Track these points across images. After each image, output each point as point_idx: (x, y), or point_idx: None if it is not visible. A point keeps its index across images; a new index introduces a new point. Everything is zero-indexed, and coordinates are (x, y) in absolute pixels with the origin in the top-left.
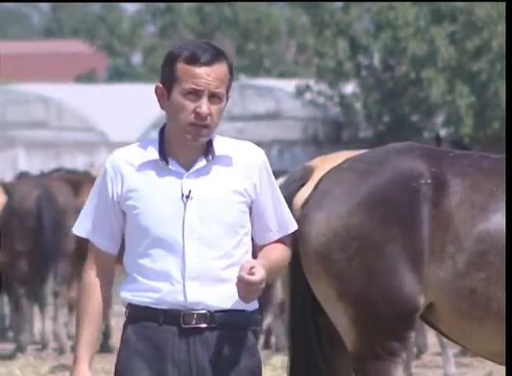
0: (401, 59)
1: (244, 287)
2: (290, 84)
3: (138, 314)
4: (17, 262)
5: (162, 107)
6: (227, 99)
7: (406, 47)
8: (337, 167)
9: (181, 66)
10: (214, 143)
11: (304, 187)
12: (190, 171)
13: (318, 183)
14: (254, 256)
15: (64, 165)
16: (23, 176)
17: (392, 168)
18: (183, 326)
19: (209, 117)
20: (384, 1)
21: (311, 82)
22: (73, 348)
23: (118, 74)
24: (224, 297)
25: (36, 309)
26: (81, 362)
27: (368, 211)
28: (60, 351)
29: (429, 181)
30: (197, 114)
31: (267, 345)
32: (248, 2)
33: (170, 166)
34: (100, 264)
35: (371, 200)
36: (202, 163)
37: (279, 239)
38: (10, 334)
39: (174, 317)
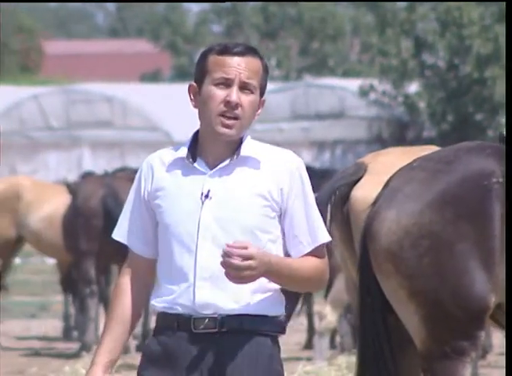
0: (465, 58)
1: (227, 263)
2: (354, 84)
3: (158, 321)
4: (82, 261)
5: (195, 106)
6: (262, 102)
7: (471, 45)
8: (407, 165)
9: (212, 58)
10: (244, 144)
11: (362, 182)
12: (213, 170)
13: (388, 182)
14: None
15: (129, 165)
16: (87, 176)
17: (463, 166)
18: (194, 331)
19: (240, 108)
20: (451, 1)
21: (375, 82)
22: (138, 348)
23: (182, 74)
24: (237, 300)
25: (101, 309)
26: (96, 365)
27: (439, 210)
28: (125, 350)
29: (501, 179)
30: (227, 103)
31: (332, 345)
32: (312, 2)
33: (195, 164)
34: (135, 268)
35: (442, 198)
36: (225, 162)
37: (312, 251)
38: (75, 333)
39: (185, 322)
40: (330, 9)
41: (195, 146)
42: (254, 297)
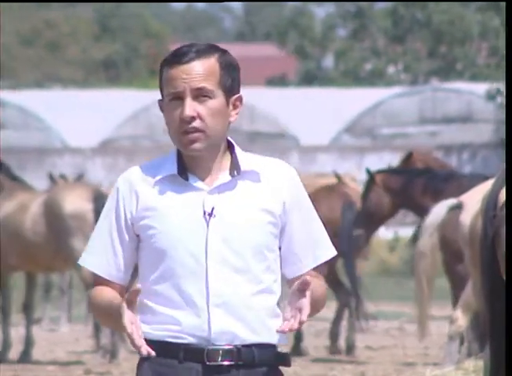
0: None
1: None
2: (481, 88)
3: (155, 350)
4: None
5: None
6: (239, 98)
7: None
8: None
9: (164, 72)
10: (239, 157)
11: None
12: (213, 186)
13: None
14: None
15: None
16: None
17: None
18: (207, 363)
19: (198, 119)
20: None
21: (501, 86)
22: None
23: (309, 78)
24: (251, 327)
25: None
26: (122, 307)
27: None
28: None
29: None
30: (182, 120)
31: (459, 350)
32: (441, 3)
33: (190, 181)
34: None
35: None
36: (226, 178)
37: (314, 269)
38: None
39: (196, 353)
40: (459, 11)
41: (181, 161)
42: (264, 324)
